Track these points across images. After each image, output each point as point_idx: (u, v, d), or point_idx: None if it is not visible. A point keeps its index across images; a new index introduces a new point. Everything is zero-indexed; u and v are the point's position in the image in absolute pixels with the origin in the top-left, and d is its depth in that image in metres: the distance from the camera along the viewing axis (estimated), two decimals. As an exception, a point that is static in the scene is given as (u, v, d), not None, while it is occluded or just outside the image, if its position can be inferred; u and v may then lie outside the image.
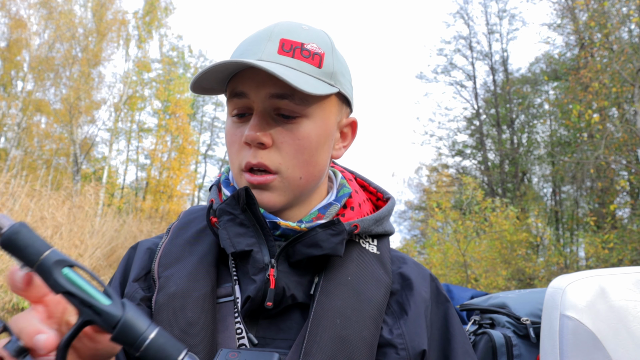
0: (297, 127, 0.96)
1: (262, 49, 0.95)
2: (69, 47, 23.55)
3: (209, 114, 39.73)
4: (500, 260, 16.09)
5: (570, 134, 22.95)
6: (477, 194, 16.81)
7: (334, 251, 0.93)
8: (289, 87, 0.92)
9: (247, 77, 0.95)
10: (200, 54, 41.03)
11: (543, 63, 27.11)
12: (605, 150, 15.31)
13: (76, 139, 23.49)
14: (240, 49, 0.99)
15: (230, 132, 1.00)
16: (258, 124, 0.95)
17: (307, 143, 0.97)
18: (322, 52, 0.98)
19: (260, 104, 0.95)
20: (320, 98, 0.98)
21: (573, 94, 17.08)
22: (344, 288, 0.94)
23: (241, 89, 0.96)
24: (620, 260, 13.81)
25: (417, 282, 1.03)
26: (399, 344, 0.93)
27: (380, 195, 1.17)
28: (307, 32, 0.99)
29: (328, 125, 1.01)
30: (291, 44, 0.95)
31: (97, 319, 0.57)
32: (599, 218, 17.96)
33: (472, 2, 39.09)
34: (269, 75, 0.93)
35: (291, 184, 0.98)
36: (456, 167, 31.50)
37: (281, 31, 0.97)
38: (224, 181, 1.09)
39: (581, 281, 1.51)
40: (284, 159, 0.96)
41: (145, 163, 32.58)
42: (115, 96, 26.78)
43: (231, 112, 1.00)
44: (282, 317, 0.93)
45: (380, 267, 1.02)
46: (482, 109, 30.71)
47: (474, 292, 2.12)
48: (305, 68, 0.95)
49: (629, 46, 14.91)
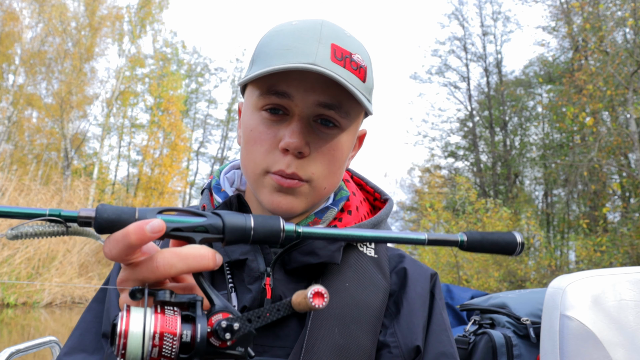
0: (333, 138, 0.93)
1: (314, 52, 0.87)
2: (61, 41, 23.44)
3: (202, 111, 39.69)
4: (492, 261, 16.15)
5: (563, 136, 23.06)
6: (470, 194, 16.85)
7: (331, 259, 0.91)
8: (339, 98, 0.89)
9: (294, 77, 0.89)
10: (195, 51, 41.03)
11: (537, 66, 27.26)
12: (599, 153, 15.39)
13: (67, 134, 23.37)
14: (281, 42, 0.91)
15: (260, 129, 0.94)
16: (301, 132, 0.89)
17: (339, 155, 0.95)
18: (365, 65, 0.93)
19: (305, 109, 0.90)
20: (361, 112, 0.96)
21: (567, 96, 17.15)
22: (342, 295, 0.92)
23: (285, 89, 0.89)
24: (611, 263, 13.90)
25: (414, 278, 1.02)
26: (391, 342, 0.91)
27: (378, 195, 1.14)
28: (351, 40, 0.95)
29: (354, 139, 1.00)
30: (342, 52, 0.90)
31: (208, 233, 0.62)
32: (591, 221, 18.05)
33: (467, 3, 39.20)
34: (319, 80, 0.88)
35: (316, 192, 0.95)
36: (449, 169, 31.63)
37: (330, 35, 0.91)
38: (215, 186, 1.06)
39: (581, 281, 1.51)
40: (317, 169, 0.93)
41: (137, 159, 32.52)
42: (107, 91, 26.70)
43: (261, 107, 0.93)
44: (279, 324, 0.90)
45: (378, 271, 1.00)
46: (475, 110, 30.82)
47: (474, 292, 2.13)
48: (354, 81, 0.90)
49: (623, 50, 14.98)
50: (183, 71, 34.51)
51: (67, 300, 13.10)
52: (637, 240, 14.17)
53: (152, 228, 0.57)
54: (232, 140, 39.21)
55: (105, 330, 0.94)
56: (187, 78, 36.58)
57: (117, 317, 0.55)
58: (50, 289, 12.33)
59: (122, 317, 0.55)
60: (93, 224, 0.59)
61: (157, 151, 30.62)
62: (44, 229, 0.59)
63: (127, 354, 0.53)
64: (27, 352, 2.19)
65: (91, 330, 0.97)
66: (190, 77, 37.60)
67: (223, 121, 39.01)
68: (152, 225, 0.57)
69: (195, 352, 0.56)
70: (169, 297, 0.58)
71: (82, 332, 0.97)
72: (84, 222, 0.59)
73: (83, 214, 0.59)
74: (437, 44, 39.33)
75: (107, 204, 0.61)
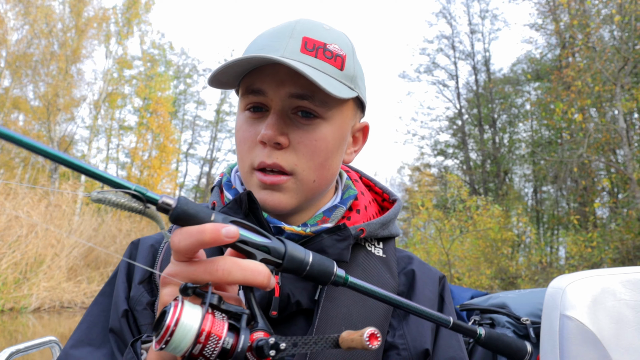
0: (314, 128, 0.94)
1: (283, 46, 0.91)
2: (47, 43, 23.26)
3: (191, 112, 39.60)
4: (483, 259, 16.21)
5: (551, 133, 23.20)
6: (462, 191, 16.89)
7: (340, 257, 0.92)
8: (311, 88, 0.90)
9: (267, 74, 0.92)
10: (183, 52, 40.88)
11: (525, 64, 27.43)
12: (588, 149, 15.49)
13: (54, 137, 23.19)
14: (258, 43, 0.95)
15: (243, 128, 0.96)
16: (275, 124, 0.91)
17: (323, 145, 0.95)
18: (343, 54, 0.95)
19: (279, 102, 0.92)
20: (340, 101, 0.96)
21: (555, 93, 17.25)
22: (350, 294, 0.93)
23: (259, 86, 0.92)
24: (602, 258, 13.99)
25: (422, 280, 1.03)
26: (400, 344, 0.92)
27: (387, 196, 1.15)
28: (328, 32, 0.97)
29: (344, 129, 0.99)
30: (314, 43, 0.92)
31: (269, 255, 0.66)
32: (581, 217, 18.18)
33: (455, 1, 39.32)
34: (289, 73, 0.90)
35: (304, 186, 0.95)
36: (438, 167, 31.74)
37: (303, 29, 0.94)
38: (226, 183, 1.07)
39: (581, 281, 1.49)
40: (299, 161, 0.93)
41: (126, 161, 32.36)
42: (95, 93, 26.52)
43: (244, 107, 0.96)
44: (286, 323, 0.91)
45: (387, 271, 1.00)
46: (464, 108, 30.95)
47: (474, 292, 2.14)
48: (328, 69, 0.92)
49: (610, 46, 15.08)
50: (171, 72, 34.34)
51: (56, 304, 12.93)
52: (627, 235, 14.29)
53: (227, 232, 0.60)
54: (221, 141, 39.17)
55: (113, 325, 0.94)
56: (175, 79, 36.45)
57: (170, 305, 0.57)
58: (38, 293, 12.18)
59: (177, 306, 0.57)
60: (171, 212, 0.61)
61: (145, 153, 30.53)
62: (125, 202, 0.60)
63: (170, 342, 0.56)
64: (27, 352, 2.19)
65: (98, 324, 0.97)
66: (178, 78, 37.49)
67: (212, 122, 38.95)
68: (228, 229, 0.60)
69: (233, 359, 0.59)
70: (217, 302, 0.60)
71: (89, 326, 0.97)
72: (163, 208, 0.61)
73: (164, 200, 0.61)
74: (425, 42, 39.58)
75: (190, 200, 0.64)
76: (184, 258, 0.62)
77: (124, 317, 0.94)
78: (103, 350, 0.93)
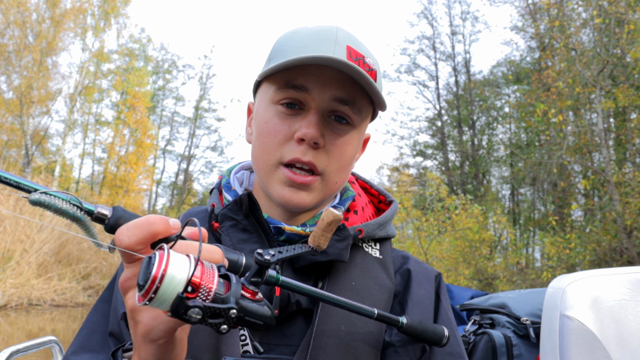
0: (345, 133, 0.98)
1: (331, 49, 0.93)
2: (21, 33, 22.80)
3: (169, 109, 39.24)
4: (462, 259, 16.29)
5: (530, 136, 23.46)
6: (441, 190, 16.94)
7: (340, 257, 0.94)
8: (353, 95, 0.95)
9: (312, 72, 0.94)
10: (162, 47, 40.46)
11: (504, 66, 27.72)
12: (566, 151, 15.67)
13: (27, 130, 22.74)
14: (300, 42, 0.96)
15: (274, 121, 0.97)
16: (317, 124, 0.94)
17: (350, 150, 1.00)
18: (375, 69, 0.98)
19: (321, 103, 0.95)
20: (369, 112, 1.02)
21: (535, 94, 17.42)
22: (349, 293, 0.94)
23: (303, 83, 0.94)
24: (579, 260, 14.16)
25: (418, 279, 1.03)
26: (397, 342, 0.93)
27: (382, 197, 1.18)
28: (363, 45, 1.00)
29: (361, 138, 1.05)
30: (356, 54, 0.95)
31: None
32: (559, 219, 18.40)
33: (436, 3, 39.64)
34: (335, 76, 0.94)
35: (327, 187, 0.99)
36: (417, 167, 31.91)
37: (345, 37, 0.96)
38: (225, 185, 1.08)
39: (581, 281, 1.52)
40: (330, 162, 0.97)
41: (102, 157, 31.97)
42: (70, 86, 26.08)
43: (277, 101, 0.97)
44: (286, 322, 0.93)
45: (383, 272, 1.02)
46: (444, 109, 31.17)
47: (474, 292, 2.15)
48: (369, 80, 0.95)
49: (590, 49, 15.25)
50: (150, 67, 33.95)
51: (24, 302, 12.56)
52: (604, 237, 14.49)
53: (174, 223, 0.64)
54: (200, 138, 38.85)
55: (112, 329, 0.95)
56: (154, 74, 36.10)
57: (155, 255, 0.54)
58: (5, 290, 11.80)
59: (162, 256, 0.53)
60: (107, 222, 0.61)
61: (122, 148, 30.27)
62: (63, 207, 0.58)
63: (157, 297, 0.52)
64: (27, 352, 2.21)
65: (98, 330, 0.98)
66: (157, 74, 37.11)
67: (190, 119, 38.64)
68: (174, 221, 0.64)
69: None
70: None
71: (89, 332, 0.98)
72: (98, 218, 0.61)
73: (100, 210, 0.61)
74: (406, 42, 39.81)
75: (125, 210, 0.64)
76: (134, 258, 0.62)
77: (123, 319, 0.94)
78: (103, 356, 0.94)
